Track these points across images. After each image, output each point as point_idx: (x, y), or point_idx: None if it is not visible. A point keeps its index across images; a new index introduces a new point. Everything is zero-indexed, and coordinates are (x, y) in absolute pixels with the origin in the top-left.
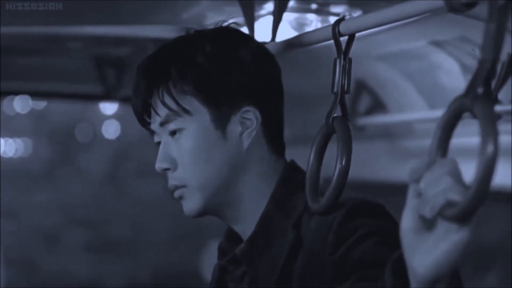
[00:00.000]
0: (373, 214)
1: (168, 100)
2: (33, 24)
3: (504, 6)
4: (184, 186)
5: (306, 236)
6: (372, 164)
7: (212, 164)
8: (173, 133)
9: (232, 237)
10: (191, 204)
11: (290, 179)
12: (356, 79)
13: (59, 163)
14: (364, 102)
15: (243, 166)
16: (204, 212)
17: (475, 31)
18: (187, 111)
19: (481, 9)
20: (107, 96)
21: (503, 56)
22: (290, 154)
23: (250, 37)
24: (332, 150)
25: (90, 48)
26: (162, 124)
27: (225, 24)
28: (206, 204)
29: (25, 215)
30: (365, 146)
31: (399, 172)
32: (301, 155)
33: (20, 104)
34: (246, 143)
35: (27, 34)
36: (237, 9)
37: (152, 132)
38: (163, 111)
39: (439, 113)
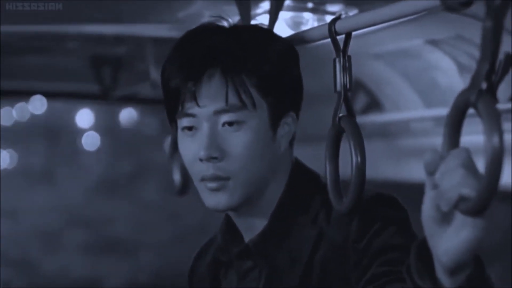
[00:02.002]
0: (390, 204)
1: (241, 91)
2: (31, 23)
3: (501, 4)
4: (228, 179)
5: (327, 230)
6: (369, 162)
7: (261, 162)
8: (230, 124)
9: (229, 234)
10: (231, 197)
11: (301, 175)
12: (353, 78)
13: (58, 165)
14: (361, 100)
15: (277, 167)
16: (238, 207)
17: (471, 30)
18: (254, 105)
19: (477, 8)
20: (103, 96)
21: (500, 55)
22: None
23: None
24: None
25: (86, 47)
26: (219, 112)
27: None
28: (244, 199)
29: (23, 215)
30: None
31: (396, 170)
32: (302, 154)
33: (6, 117)
34: (283, 146)
35: (24, 33)
36: (233, 8)
37: (185, 115)
38: (233, 100)
39: (435, 111)
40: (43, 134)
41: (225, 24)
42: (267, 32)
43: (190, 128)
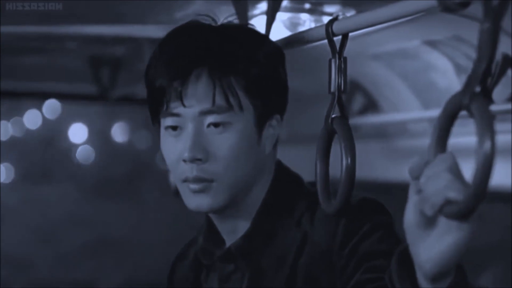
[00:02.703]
0: (375, 209)
1: (229, 93)
2: (30, 23)
3: (499, 5)
4: (211, 181)
5: (311, 234)
6: (366, 163)
7: (245, 165)
8: (215, 125)
9: (211, 236)
10: (215, 199)
11: (284, 177)
12: (350, 79)
13: (55, 169)
14: (358, 101)
15: (261, 169)
16: (220, 209)
17: (468, 30)
18: (241, 108)
19: (475, 9)
20: (101, 97)
21: (497, 56)
22: (285, 152)
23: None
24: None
25: (85, 48)
26: (205, 113)
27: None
28: (227, 202)
29: (22, 215)
30: (359, 146)
31: (393, 171)
32: (295, 154)
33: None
34: (268, 148)
35: (22, 34)
36: (230, 8)
37: (170, 115)
38: (220, 101)
39: (433, 112)
40: (39, 148)
41: (211, 23)
42: (255, 33)
43: (174, 128)
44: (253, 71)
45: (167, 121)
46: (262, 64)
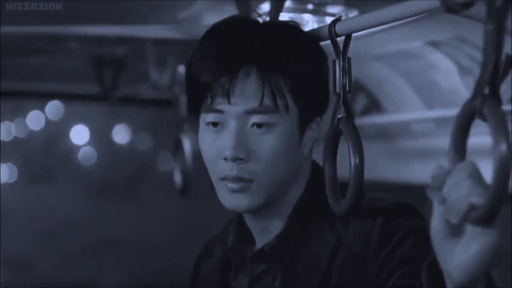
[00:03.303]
0: (409, 213)
1: (277, 94)
2: (31, 24)
3: (502, 6)
4: (251, 181)
5: (345, 238)
6: (369, 164)
7: (285, 167)
8: (259, 125)
9: (242, 235)
10: (252, 199)
11: (320, 178)
12: (353, 79)
13: (57, 170)
14: (361, 102)
15: (299, 171)
16: (257, 209)
17: (471, 31)
18: (287, 109)
19: (478, 9)
20: (103, 97)
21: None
22: None
23: None
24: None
25: (87, 48)
26: (250, 112)
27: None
28: (265, 202)
29: (25, 215)
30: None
31: (396, 172)
32: None
33: (6, 132)
34: (307, 150)
35: (23, 34)
36: (233, 9)
37: (213, 111)
38: (267, 102)
39: (436, 113)
40: (42, 149)
41: (257, 18)
42: (300, 31)
43: (215, 124)
44: (300, 71)
45: (209, 117)
46: (308, 64)
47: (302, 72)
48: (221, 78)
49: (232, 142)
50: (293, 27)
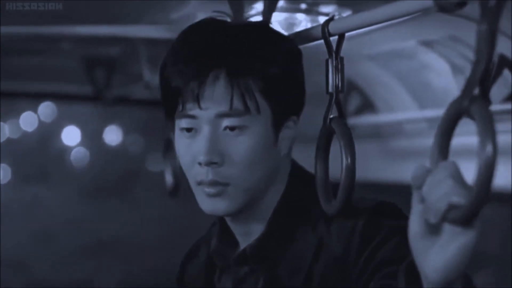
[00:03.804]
0: (392, 215)
1: (247, 96)
2: (25, 24)
3: (495, 6)
4: (227, 184)
5: (327, 239)
6: (362, 164)
7: (262, 168)
8: (231, 128)
9: (225, 238)
10: (230, 203)
11: (300, 178)
12: (346, 79)
13: (50, 170)
14: (354, 102)
15: (277, 171)
16: (236, 212)
17: (464, 30)
18: (258, 111)
19: (471, 9)
20: (96, 97)
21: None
22: None
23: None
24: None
25: (79, 48)
26: (222, 115)
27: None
28: (243, 205)
29: (20, 216)
30: (355, 146)
31: (389, 171)
32: (293, 155)
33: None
34: (284, 150)
35: (17, 35)
36: (226, 8)
37: (185, 116)
38: (237, 105)
39: (429, 113)
40: (35, 150)
41: (227, 19)
42: (272, 31)
43: (189, 130)
44: (271, 72)
45: (182, 123)
46: (280, 64)
47: (273, 73)
48: (191, 84)
49: (205, 147)
50: (264, 28)
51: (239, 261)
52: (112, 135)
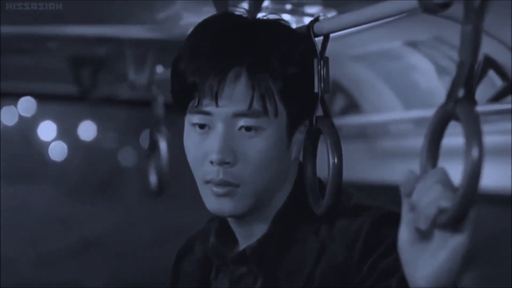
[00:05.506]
0: (397, 224)
1: (267, 98)
2: (9, 24)
3: (480, 7)
4: (237, 185)
5: (329, 244)
6: (348, 164)
7: (273, 171)
8: (247, 128)
9: (224, 237)
10: (238, 204)
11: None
12: (331, 80)
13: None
14: (339, 102)
15: (287, 174)
16: (243, 214)
17: (450, 31)
18: (276, 114)
19: (456, 10)
20: (82, 97)
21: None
22: None
23: None
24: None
25: (65, 48)
26: (239, 115)
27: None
28: (250, 207)
29: (3, 215)
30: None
31: (374, 172)
32: None
33: None
34: (295, 153)
35: (5, 34)
36: (211, 9)
37: (200, 112)
38: (256, 106)
39: (414, 113)
40: (15, 146)
41: (246, 15)
42: (291, 30)
43: (202, 126)
44: (290, 71)
45: (195, 118)
46: (298, 64)
47: (292, 73)
48: (210, 80)
49: (219, 145)
50: (286, 26)
51: (238, 261)
52: (96, 134)
